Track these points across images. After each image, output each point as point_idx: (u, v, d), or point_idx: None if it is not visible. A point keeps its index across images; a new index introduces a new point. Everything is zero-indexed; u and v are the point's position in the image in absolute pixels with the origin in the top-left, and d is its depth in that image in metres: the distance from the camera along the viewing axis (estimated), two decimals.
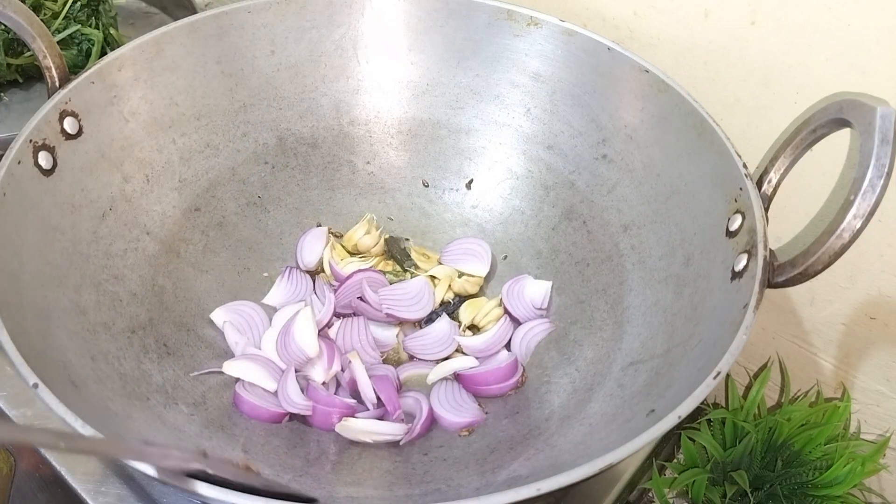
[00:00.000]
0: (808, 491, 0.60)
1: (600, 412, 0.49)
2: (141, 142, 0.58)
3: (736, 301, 0.44)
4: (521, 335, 0.58)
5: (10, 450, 0.58)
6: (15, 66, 0.73)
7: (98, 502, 0.51)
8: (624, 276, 0.57)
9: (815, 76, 0.58)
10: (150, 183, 0.58)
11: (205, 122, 0.62)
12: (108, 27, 0.76)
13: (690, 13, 0.62)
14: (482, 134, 0.67)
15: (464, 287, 0.62)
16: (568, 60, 0.61)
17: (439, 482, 0.48)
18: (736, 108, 0.64)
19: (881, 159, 0.39)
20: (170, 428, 0.47)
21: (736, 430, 0.64)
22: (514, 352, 0.58)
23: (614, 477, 0.59)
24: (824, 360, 0.72)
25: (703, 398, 0.38)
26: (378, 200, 0.68)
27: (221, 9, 0.61)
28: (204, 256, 0.60)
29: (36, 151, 0.49)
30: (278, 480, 0.47)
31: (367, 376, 0.53)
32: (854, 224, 0.40)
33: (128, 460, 0.32)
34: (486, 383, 0.55)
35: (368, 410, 0.53)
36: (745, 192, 0.47)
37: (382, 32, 0.66)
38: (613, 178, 0.60)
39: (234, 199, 0.64)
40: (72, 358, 0.45)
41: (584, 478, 0.35)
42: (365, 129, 0.68)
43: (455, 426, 0.53)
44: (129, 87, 0.57)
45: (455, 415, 0.53)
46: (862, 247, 0.48)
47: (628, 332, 0.54)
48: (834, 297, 0.67)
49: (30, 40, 0.52)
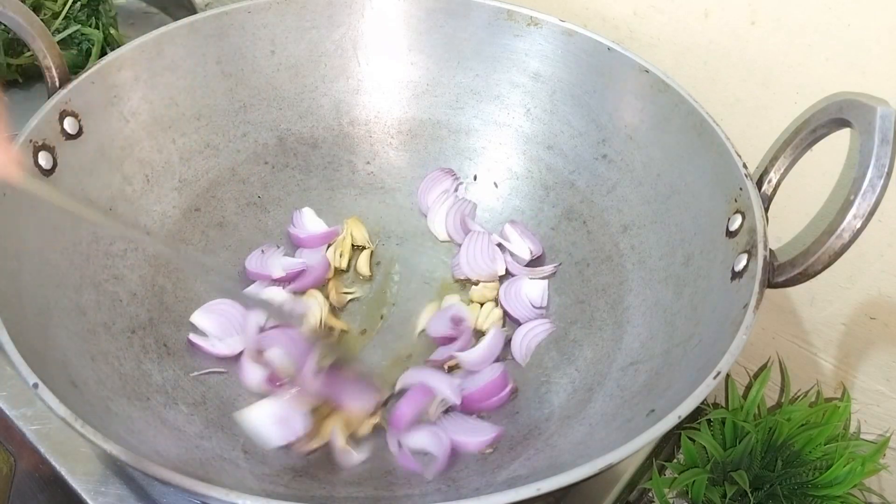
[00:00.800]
0: (808, 491, 0.60)
1: (600, 412, 0.49)
2: (141, 142, 0.58)
3: (736, 301, 0.44)
4: (521, 336, 0.58)
5: (10, 450, 0.58)
6: (15, 66, 0.73)
7: (98, 502, 0.51)
8: (624, 276, 0.57)
9: (815, 76, 0.58)
10: (150, 183, 0.58)
11: (205, 122, 0.62)
12: (108, 27, 0.76)
13: (690, 13, 0.62)
14: (482, 134, 0.67)
15: (483, 294, 0.61)
16: (568, 60, 0.61)
17: (439, 482, 0.48)
18: (736, 108, 0.64)
19: (881, 159, 0.39)
20: (170, 428, 0.47)
21: (736, 430, 0.64)
22: (514, 352, 0.57)
23: (614, 477, 0.59)
24: (824, 360, 0.72)
25: (703, 398, 0.38)
26: (378, 200, 0.68)
27: (221, 9, 0.61)
28: (204, 256, 0.60)
29: (36, 151, 0.49)
30: (278, 481, 0.47)
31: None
32: (854, 224, 0.40)
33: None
34: (486, 399, 0.53)
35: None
36: (745, 192, 0.47)
37: (382, 32, 0.66)
38: (613, 178, 0.60)
39: (234, 199, 0.63)
40: (72, 358, 0.45)
41: (584, 478, 0.35)
42: (365, 129, 0.68)
43: (480, 446, 0.51)
44: (129, 87, 0.57)
45: (475, 436, 0.51)
46: (862, 247, 0.48)
47: (628, 332, 0.54)
48: (834, 297, 0.67)
49: (30, 40, 0.52)
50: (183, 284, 0.58)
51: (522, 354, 0.57)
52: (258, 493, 0.33)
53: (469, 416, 0.53)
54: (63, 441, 0.53)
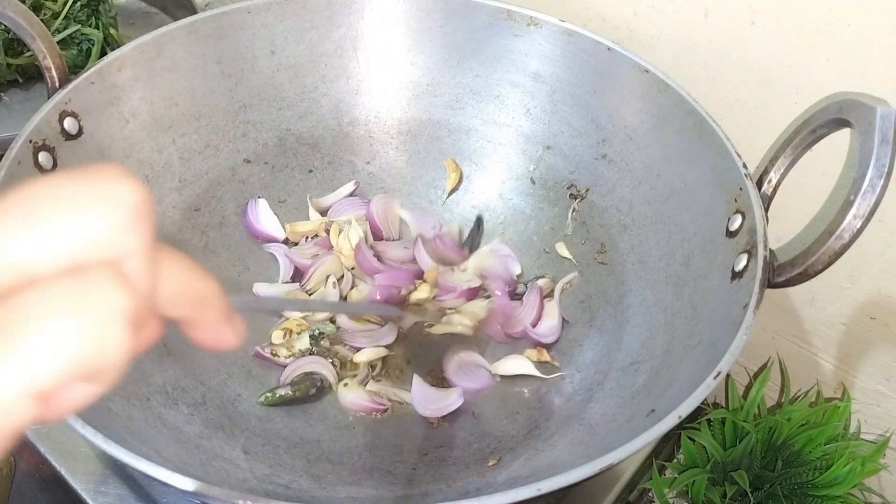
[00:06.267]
0: (808, 491, 0.60)
1: (600, 412, 0.49)
2: (141, 142, 0.58)
3: (736, 301, 0.44)
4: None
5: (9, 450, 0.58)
6: (15, 66, 0.73)
7: (98, 502, 0.51)
8: (624, 276, 0.57)
9: (815, 76, 0.58)
10: (149, 183, 0.58)
11: (205, 122, 0.62)
12: (108, 27, 0.76)
13: (690, 13, 0.62)
14: (482, 134, 0.67)
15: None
16: (568, 60, 0.61)
17: (439, 482, 0.48)
18: (736, 108, 0.64)
19: (881, 159, 0.39)
20: (170, 428, 0.47)
21: (736, 430, 0.64)
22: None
23: (614, 477, 0.59)
24: (824, 360, 0.72)
25: (703, 398, 0.38)
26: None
27: (221, 9, 0.61)
28: (204, 256, 0.60)
29: (36, 152, 0.49)
30: (278, 481, 0.47)
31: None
32: (854, 224, 0.40)
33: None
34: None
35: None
36: (745, 192, 0.47)
37: (382, 32, 0.66)
38: (613, 178, 0.60)
39: (234, 199, 0.63)
40: None
41: (584, 478, 0.35)
42: (365, 129, 0.68)
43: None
44: (129, 88, 0.57)
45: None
46: (862, 247, 0.48)
47: (628, 332, 0.54)
48: (834, 297, 0.67)
49: (29, 41, 0.52)
50: None
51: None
52: (258, 493, 0.33)
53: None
54: (63, 441, 0.53)
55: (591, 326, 0.57)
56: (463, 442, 0.52)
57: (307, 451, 0.50)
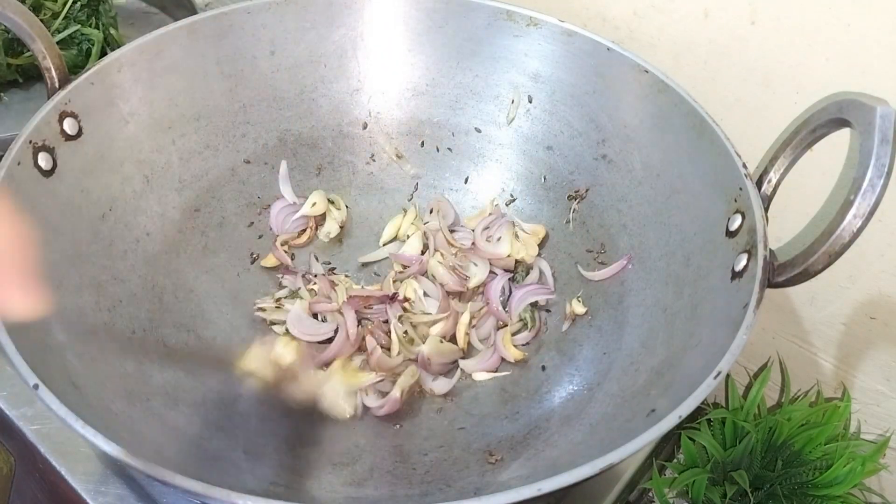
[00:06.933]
0: (808, 491, 0.60)
1: (600, 412, 0.49)
2: (141, 143, 0.58)
3: (736, 301, 0.44)
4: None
5: (9, 450, 0.58)
6: (15, 66, 0.73)
7: (98, 502, 0.51)
8: (624, 276, 0.57)
9: (815, 76, 0.58)
10: (149, 184, 0.58)
11: (204, 122, 0.62)
12: (108, 27, 0.76)
13: (690, 13, 0.62)
14: (482, 134, 0.67)
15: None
16: (568, 61, 0.61)
17: (439, 482, 0.48)
18: (736, 108, 0.64)
19: (881, 159, 0.39)
20: (170, 428, 0.47)
21: (736, 430, 0.64)
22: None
23: (614, 477, 0.59)
24: (824, 360, 0.72)
25: (703, 398, 0.38)
26: (378, 200, 0.68)
27: (221, 9, 0.61)
28: (204, 256, 0.60)
29: (36, 152, 0.49)
30: (278, 481, 0.47)
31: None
32: (854, 224, 0.40)
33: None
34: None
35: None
36: (745, 192, 0.47)
37: (382, 33, 0.66)
38: (613, 179, 0.60)
39: (234, 199, 0.64)
40: (72, 358, 0.45)
41: (585, 478, 0.35)
42: (365, 129, 0.68)
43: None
44: (129, 88, 0.57)
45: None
46: (862, 247, 0.48)
47: (628, 332, 0.54)
48: (834, 296, 0.67)
49: (29, 41, 0.52)
50: (183, 284, 0.58)
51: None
52: (258, 493, 0.33)
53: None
54: (63, 441, 0.53)
55: (591, 326, 0.57)
56: (463, 442, 0.52)
57: (307, 451, 0.50)
